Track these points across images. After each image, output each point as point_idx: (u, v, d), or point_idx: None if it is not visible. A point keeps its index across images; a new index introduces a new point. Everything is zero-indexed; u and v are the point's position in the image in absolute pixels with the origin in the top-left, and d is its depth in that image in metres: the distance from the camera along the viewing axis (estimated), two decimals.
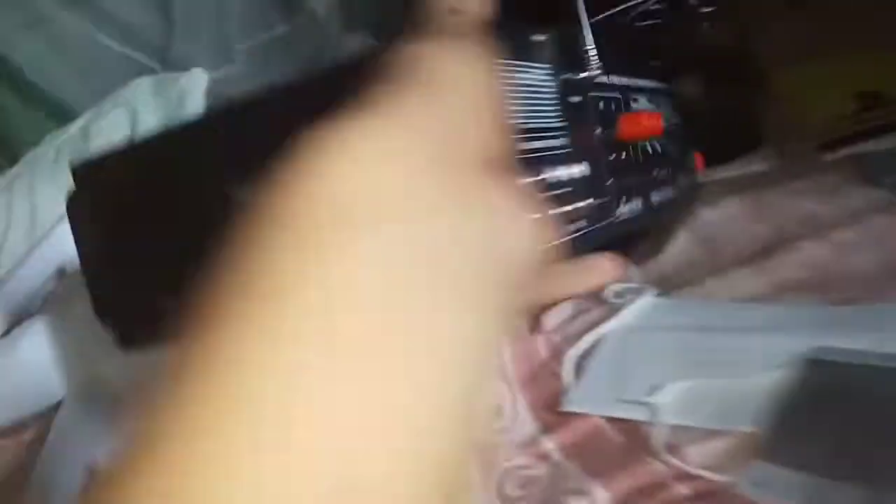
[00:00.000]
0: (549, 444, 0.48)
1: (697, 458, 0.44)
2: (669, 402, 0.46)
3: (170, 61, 1.14)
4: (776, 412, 0.44)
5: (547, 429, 0.49)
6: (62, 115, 1.11)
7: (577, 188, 0.34)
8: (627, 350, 0.52)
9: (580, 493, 0.44)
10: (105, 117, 0.93)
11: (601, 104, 0.38)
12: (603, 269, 0.38)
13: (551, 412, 0.50)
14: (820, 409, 0.43)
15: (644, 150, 0.41)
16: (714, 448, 0.44)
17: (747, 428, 0.44)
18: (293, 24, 1.23)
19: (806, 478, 0.40)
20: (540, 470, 0.47)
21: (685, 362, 0.48)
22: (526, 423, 0.49)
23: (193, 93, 0.93)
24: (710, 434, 0.45)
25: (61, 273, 0.80)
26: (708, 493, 0.42)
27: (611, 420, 0.48)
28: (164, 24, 1.14)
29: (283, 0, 1.23)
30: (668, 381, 0.47)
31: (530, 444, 0.48)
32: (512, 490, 0.46)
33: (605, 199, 0.36)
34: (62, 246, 0.82)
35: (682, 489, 0.43)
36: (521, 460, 0.48)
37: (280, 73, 1.16)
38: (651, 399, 0.47)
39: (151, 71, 1.12)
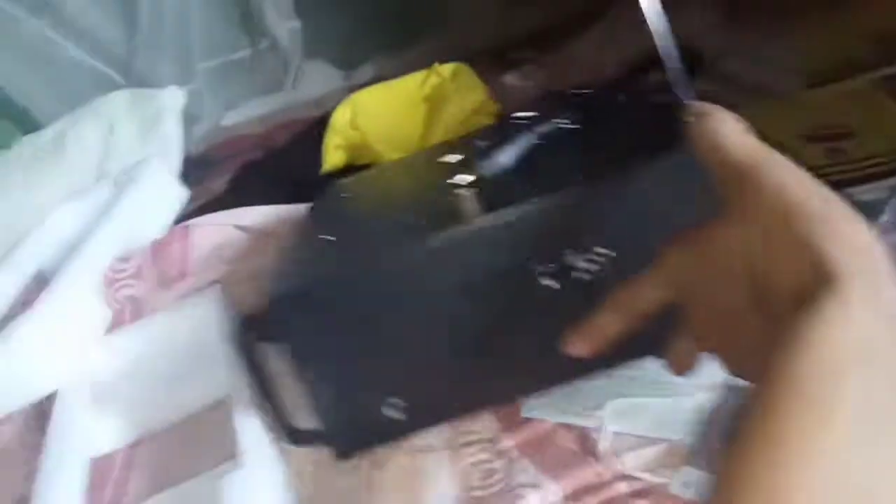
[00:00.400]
0: (509, 443, 0.55)
1: (635, 461, 0.52)
2: (613, 413, 0.55)
3: (133, 74, 1.18)
4: (701, 426, 0.52)
5: (506, 429, 0.57)
6: (27, 122, 1.14)
7: None
8: None
9: (534, 486, 0.52)
10: (80, 127, 0.98)
11: None
12: None
13: (512, 416, 0.57)
14: (732, 427, 0.52)
15: None
16: (648, 454, 0.53)
17: (676, 438, 0.53)
18: (255, 49, 1.28)
19: None
20: (498, 464, 0.54)
21: (627, 381, 0.57)
22: (490, 423, 0.57)
23: (170, 110, 0.98)
24: (646, 442, 0.53)
25: (39, 277, 0.84)
26: (644, 492, 0.50)
27: (563, 426, 0.56)
28: (129, 37, 1.18)
29: (247, 24, 1.28)
30: (612, 396, 0.56)
31: (492, 441, 0.56)
32: (474, 481, 0.54)
33: None
34: (39, 250, 0.86)
35: (622, 487, 0.51)
36: (482, 455, 0.55)
37: (239, 95, 1.20)
38: (598, 411, 0.55)
39: (115, 83, 1.16)
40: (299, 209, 0.87)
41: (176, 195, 0.92)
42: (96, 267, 0.79)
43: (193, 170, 1.08)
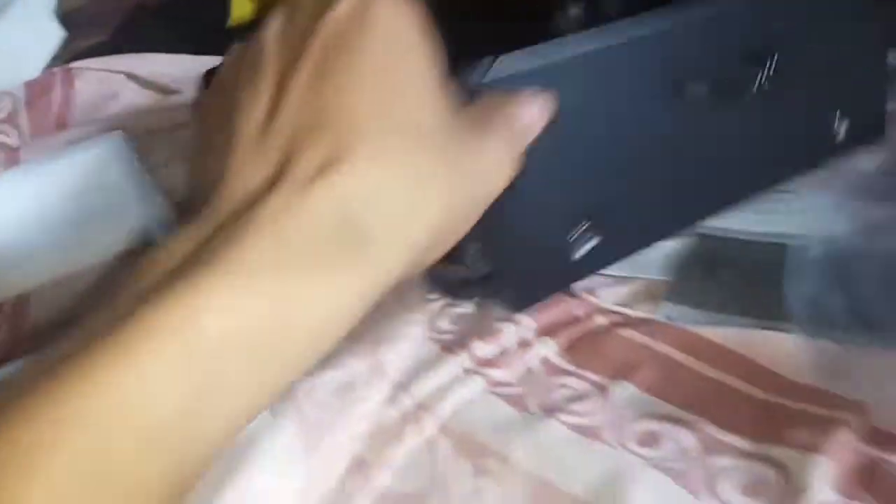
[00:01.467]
0: None
1: (611, 298, 0.50)
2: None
3: None
4: (677, 269, 0.51)
5: None
6: None
7: None
8: None
9: (509, 320, 0.49)
10: None
11: None
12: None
13: None
14: (710, 268, 0.51)
15: None
16: (625, 290, 0.51)
17: (649, 276, 0.51)
18: None
19: (704, 313, 0.48)
20: (468, 308, 0.51)
21: None
22: None
23: None
24: (620, 280, 0.51)
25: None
26: (625, 323, 0.48)
27: None
28: None
29: None
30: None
31: None
32: (444, 325, 0.50)
33: None
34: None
35: (601, 320, 0.49)
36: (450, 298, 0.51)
37: None
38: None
39: None
40: (204, 61, 0.78)
41: (53, 32, 0.80)
42: None
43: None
